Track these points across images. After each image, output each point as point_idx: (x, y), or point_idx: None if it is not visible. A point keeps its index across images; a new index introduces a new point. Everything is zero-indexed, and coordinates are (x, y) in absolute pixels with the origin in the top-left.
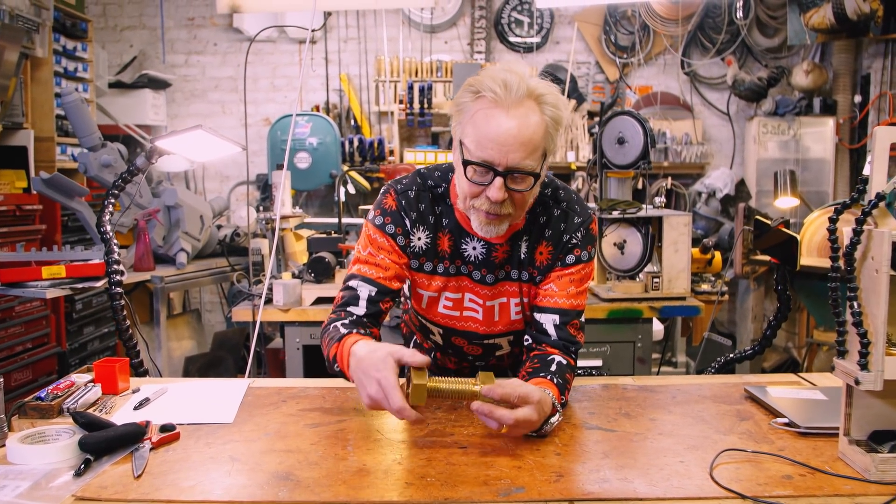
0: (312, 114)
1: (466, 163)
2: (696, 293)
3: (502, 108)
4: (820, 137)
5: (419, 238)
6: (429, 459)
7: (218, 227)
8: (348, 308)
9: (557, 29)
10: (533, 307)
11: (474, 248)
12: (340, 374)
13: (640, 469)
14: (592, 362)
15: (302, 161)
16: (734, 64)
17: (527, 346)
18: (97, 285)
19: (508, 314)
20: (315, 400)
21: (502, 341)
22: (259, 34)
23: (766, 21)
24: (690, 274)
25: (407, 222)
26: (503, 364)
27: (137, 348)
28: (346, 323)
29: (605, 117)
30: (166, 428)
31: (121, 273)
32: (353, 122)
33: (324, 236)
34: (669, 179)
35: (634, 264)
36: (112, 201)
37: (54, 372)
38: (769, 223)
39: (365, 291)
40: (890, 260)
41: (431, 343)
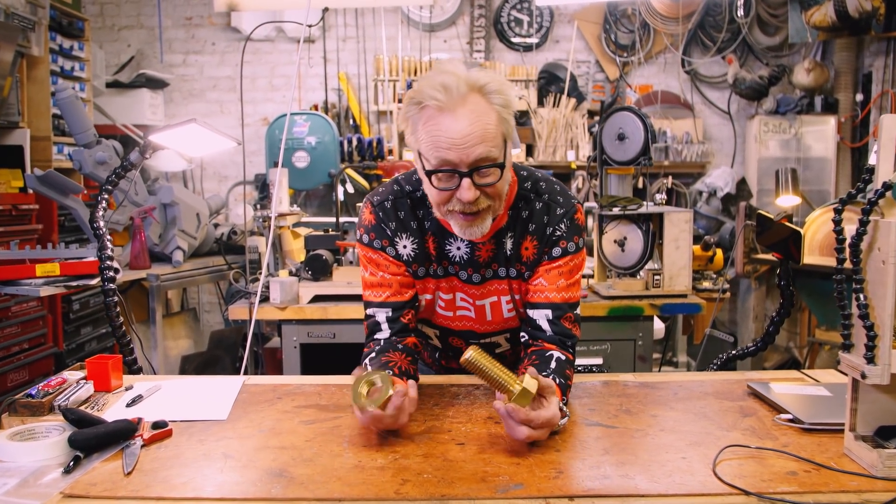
0: (311, 113)
1: (429, 173)
2: (698, 291)
3: (448, 112)
4: (821, 136)
5: (404, 246)
6: (426, 456)
7: (215, 226)
8: (375, 336)
9: (557, 27)
10: (525, 304)
11: (458, 249)
12: None
13: (642, 465)
14: (592, 360)
15: (300, 160)
16: (735, 62)
17: (524, 343)
18: (92, 283)
19: (501, 312)
20: (311, 397)
21: (500, 339)
22: (255, 31)
23: (767, 19)
24: (692, 271)
25: (388, 232)
26: (506, 363)
27: (131, 345)
28: (373, 356)
29: (606, 113)
30: (158, 425)
31: (115, 269)
32: (352, 122)
33: (321, 234)
34: (670, 178)
35: (635, 261)
36: (105, 197)
37: (51, 373)
38: (772, 217)
39: (382, 315)
40: None
41: (430, 347)
